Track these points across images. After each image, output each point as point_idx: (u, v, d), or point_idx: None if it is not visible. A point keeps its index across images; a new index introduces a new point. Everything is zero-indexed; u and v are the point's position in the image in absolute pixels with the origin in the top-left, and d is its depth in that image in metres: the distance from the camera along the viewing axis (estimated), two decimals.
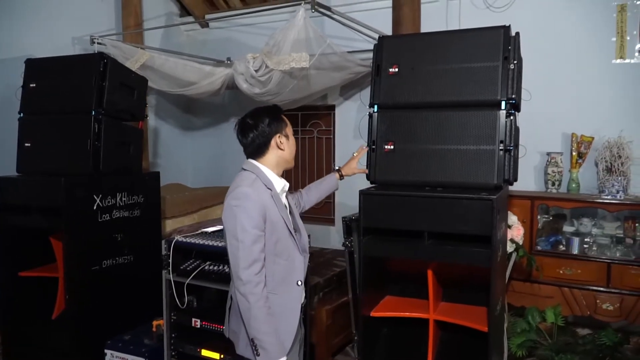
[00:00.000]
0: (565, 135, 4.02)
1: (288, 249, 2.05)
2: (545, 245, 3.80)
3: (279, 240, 2.00)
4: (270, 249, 1.99)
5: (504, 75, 2.44)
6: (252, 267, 1.89)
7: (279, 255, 2.02)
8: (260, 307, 1.89)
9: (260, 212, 1.92)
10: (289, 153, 2.14)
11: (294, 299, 2.07)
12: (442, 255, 2.41)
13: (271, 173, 2.09)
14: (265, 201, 1.97)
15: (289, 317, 2.04)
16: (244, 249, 1.88)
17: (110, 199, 3.35)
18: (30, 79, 3.41)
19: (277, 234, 2.00)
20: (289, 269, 2.05)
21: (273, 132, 2.07)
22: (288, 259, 2.05)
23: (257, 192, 1.96)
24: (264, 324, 1.90)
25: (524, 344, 3.33)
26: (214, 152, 5.81)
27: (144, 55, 4.15)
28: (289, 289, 2.05)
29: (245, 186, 1.96)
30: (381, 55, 2.70)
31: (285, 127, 2.13)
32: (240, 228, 1.89)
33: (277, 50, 3.56)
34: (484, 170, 2.43)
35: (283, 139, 2.10)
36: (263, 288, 1.92)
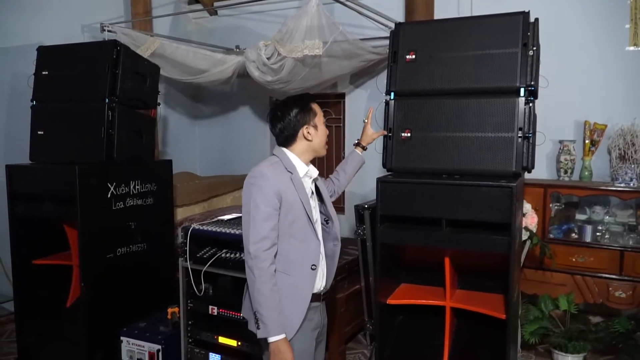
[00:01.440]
0: (578, 123, 4.00)
1: (304, 232, 2.06)
2: (558, 233, 3.79)
3: (294, 221, 2.03)
4: (285, 229, 2.02)
5: (523, 62, 2.42)
6: (261, 242, 1.94)
7: (294, 236, 2.04)
8: (264, 282, 1.93)
9: (274, 191, 1.97)
10: (318, 143, 2.16)
11: (306, 282, 2.07)
12: (461, 243, 2.41)
13: (296, 159, 2.12)
14: (282, 182, 2.01)
15: (299, 299, 2.05)
16: (254, 224, 1.94)
17: (124, 187, 3.35)
18: (42, 66, 3.39)
19: (293, 215, 2.02)
20: (303, 251, 2.06)
21: (300, 124, 2.11)
22: (303, 242, 2.06)
23: (275, 172, 2.01)
24: (266, 298, 1.93)
25: (537, 332, 3.35)
26: (222, 141, 5.81)
27: (155, 43, 4.13)
28: (301, 271, 2.06)
29: (263, 166, 2.02)
30: (398, 42, 2.68)
31: (313, 117, 2.14)
32: (253, 204, 1.96)
33: (290, 37, 3.55)
34: (502, 157, 2.42)
35: (311, 130, 2.13)
36: (270, 265, 1.95)
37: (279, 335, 1.94)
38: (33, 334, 3.38)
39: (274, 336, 1.93)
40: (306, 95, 2.23)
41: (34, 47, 3.48)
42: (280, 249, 2.02)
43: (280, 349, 1.94)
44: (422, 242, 2.53)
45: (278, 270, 2.01)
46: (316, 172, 2.21)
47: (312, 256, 2.09)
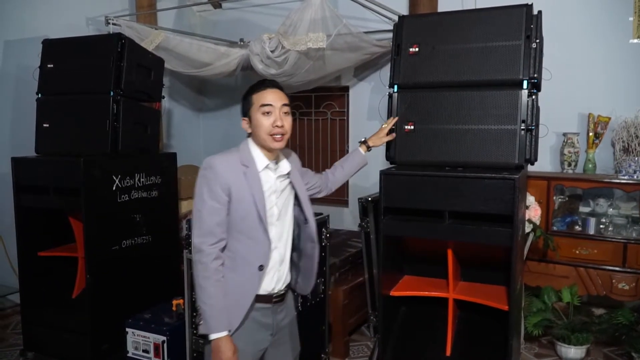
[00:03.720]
0: (582, 116, 3.99)
1: (253, 230, 1.94)
2: (561, 225, 3.80)
3: (244, 218, 1.92)
4: (235, 224, 1.92)
5: (526, 54, 2.42)
6: (206, 237, 1.87)
7: (243, 233, 1.94)
8: (206, 277, 1.86)
9: (222, 185, 1.87)
10: (257, 136, 1.98)
11: (252, 282, 1.95)
12: (464, 235, 2.42)
13: (257, 151, 1.99)
14: (233, 175, 1.91)
15: (242, 298, 1.94)
16: (200, 218, 1.87)
17: (129, 180, 3.37)
18: (47, 59, 3.42)
19: (243, 211, 1.92)
20: (251, 249, 1.95)
21: (242, 115, 2.02)
22: (252, 240, 1.94)
23: (226, 164, 1.91)
24: (207, 294, 1.86)
25: (540, 323, 3.37)
26: (225, 134, 5.82)
27: (159, 36, 4.14)
28: (248, 270, 1.94)
29: (216, 157, 1.93)
30: (401, 34, 2.68)
31: (249, 108, 1.98)
32: (199, 197, 1.89)
33: (294, 30, 3.54)
34: (505, 149, 2.43)
35: (246, 123, 2.01)
36: (213, 260, 1.87)
37: (220, 333, 1.86)
38: (39, 325, 3.42)
39: (214, 333, 1.86)
40: (257, 83, 2.03)
41: (39, 40, 3.50)
42: (229, 245, 1.94)
43: (221, 347, 1.86)
44: (425, 234, 2.54)
45: (226, 265, 1.93)
46: (287, 169, 2.06)
47: (260, 256, 1.96)
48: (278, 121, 1.95)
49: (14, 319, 3.99)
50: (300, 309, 2.61)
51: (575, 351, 3.37)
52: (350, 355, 3.59)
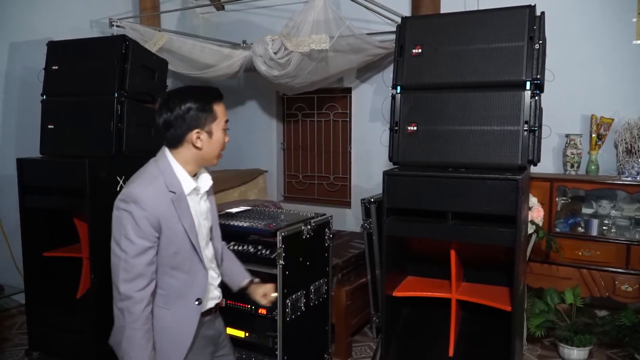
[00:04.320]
0: (585, 117, 3.99)
1: (189, 262, 1.76)
2: (564, 227, 3.80)
3: (177, 252, 1.72)
4: (166, 260, 1.71)
5: (529, 56, 2.43)
6: (135, 281, 1.64)
7: (177, 269, 1.74)
8: (136, 328, 1.65)
9: (151, 220, 1.64)
10: (209, 153, 1.77)
11: (190, 317, 1.78)
12: (467, 235, 2.43)
13: (181, 170, 1.75)
14: (162, 206, 1.67)
15: (181, 334, 1.77)
16: (126, 260, 1.63)
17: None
18: (52, 61, 3.43)
19: (175, 245, 1.71)
20: (188, 283, 1.77)
21: (191, 126, 1.71)
22: (188, 273, 1.76)
23: (153, 194, 1.67)
24: (137, 348, 1.66)
25: (542, 325, 3.37)
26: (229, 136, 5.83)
27: (163, 38, 4.16)
28: (184, 306, 1.76)
29: (139, 187, 1.68)
30: (404, 36, 2.69)
31: (211, 121, 1.74)
32: (124, 236, 1.64)
33: (297, 31, 3.57)
34: (508, 150, 2.44)
35: (203, 136, 1.73)
36: (145, 307, 1.66)
37: None
38: (44, 325, 3.43)
39: None
40: (213, 91, 1.81)
41: (43, 42, 3.52)
42: (161, 283, 1.72)
43: None
44: (428, 234, 2.55)
45: (156, 304, 1.73)
46: (208, 184, 1.86)
47: (198, 288, 1.79)
48: (227, 138, 1.83)
49: (19, 319, 4.00)
50: (303, 309, 2.62)
51: (578, 353, 3.36)
52: (353, 356, 3.59)
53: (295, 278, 2.55)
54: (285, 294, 2.47)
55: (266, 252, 2.52)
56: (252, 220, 2.67)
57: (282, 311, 2.46)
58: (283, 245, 2.43)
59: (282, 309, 2.46)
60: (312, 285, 2.71)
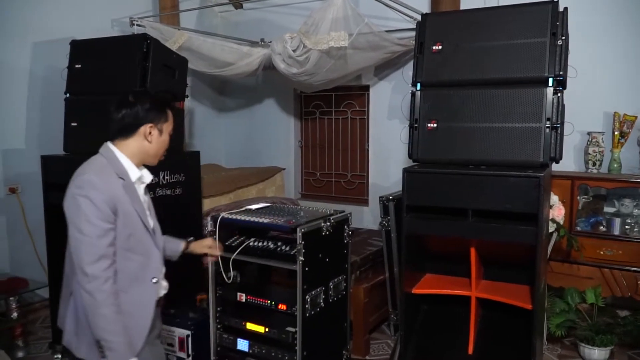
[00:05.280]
0: (607, 114, 3.93)
1: (143, 244, 1.88)
2: (585, 225, 3.75)
3: (132, 234, 1.83)
4: (122, 243, 1.81)
5: (552, 52, 2.41)
6: (100, 262, 1.72)
7: (132, 251, 1.84)
8: (109, 304, 1.73)
9: (108, 203, 1.74)
10: (155, 149, 1.94)
11: (148, 297, 1.90)
12: (487, 233, 2.42)
13: (127, 161, 1.89)
14: (115, 191, 1.78)
15: (141, 316, 1.86)
16: (89, 243, 1.71)
17: (154, 177, 3.41)
18: (75, 60, 3.49)
19: (130, 227, 1.82)
20: (144, 265, 1.88)
21: (147, 119, 1.88)
22: (143, 255, 1.88)
23: (105, 179, 1.78)
24: (112, 323, 1.74)
25: (563, 324, 3.33)
26: (246, 133, 5.88)
27: (183, 36, 4.20)
28: (142, 287, 1.87)
29: (91, 173, 1.78)
30: (424, 32, 2.69)
31: (164, 121, 1.93)
32: (84, 220, 1.71)
33: (315, 29, 3.57)
34: (529, 148, 2.42)
35: (154, 132, 1.90)
36: (112, 285, 1.75)
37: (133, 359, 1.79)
38: None
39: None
40: (168, 98, 2.02)
41: (66, 41, 3.58)
42: (118, 266, 1.80)
43: None
44: (447, 232, 2.55)
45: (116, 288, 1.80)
46: (150, 178, 2.02)
47: (154, 269, 1.92)
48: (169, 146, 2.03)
49: (43, 312, 4.08)
50: (323, 305, 2.64)
51: (599, 353, 3.32)
52: (371, 353, 3.60)
53: (315, 274, 2.56)
54: (305, 290, 2.48)
55: (286, 248, 2.53)
56: (271, 216, 2.69)
57: (302, 307, 2.47)
58: (303, 241, 2.44)
59: (302, 304, 2.47)
60: (331, 282, 2.72)
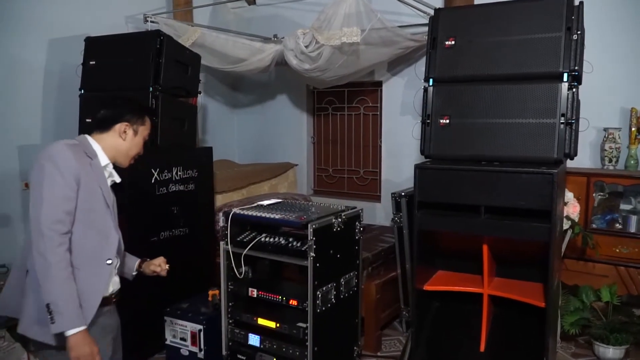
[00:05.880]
0: (624, 110, 3.87)
1: (103, 222, 1.88)
2: (601, 223, 3.70)
3: (92, 210, 1.83)
4: (82, 217, 1.80)
5: (567, 46, 2.38)
6: (56, 225, 1.72)
7: (90, 226, 1.84)
8: (61, 268, 1.72)
9: (72, 172, 1.77)
10: (126, 149, 2.00)
11: (101, 278, 1.87)
12: (500, 230, 2.40)
13: (98, 147, 1.94)
14: (82, 165, 1.82)
15: (90, 296, 1.82)
16: (49, 204, 1.72)
17: (167, 173, 3.45)
18: (89, 56, 3.53)
19: (91, 203, 1.83)
20: (101, 243, 1.87)
21: (124, 118, 1.97)
22: (101, 233, 1.87)
23: (73, 152, 1.81)
24: (62, 286, 1.71)
25: (577, 322, 3.30)
26: (259, 129, 5.89)
27: (196, 33, 4.22)
28: (96, 266, 1.86)
29: (60, 144, 1.82)
30: (437, 28, 2.67)
31: (140, 124, 2.02)
32: (47, 184, 1.74)
33: (328, 25, 3.56)
34: (543, 144, 2.39)
35: (129, 131, 1.98)
36: (66, 250, 1.74)
37: (80, 327, 1.73)
38: None
39: (74, 328, 1.72)
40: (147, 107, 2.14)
41: (81, 38, 3.61)
42: (74, 241, 1.79)
43: (84, 340, 1.73)
44: (460, 228, 2.53)
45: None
46: (118, 179, 2.06)
47: (110, 249, 1.90)
48: (142, 151, 2.10)
49: None
50: (334, 302, 2.64)
51: (613, 352, 3.28)
52: (382, 350, 3.59)
53: (326, 270, 2.56)
54: (316, 286, 2.48)
55: (297, 244, 2.53)
56: (283, 212, 2.69)
57: (313, 303, 2.47)
58: (314, 237, 2.44)
59: (313, 300, 2.47)
60: (343, 278, 2.71)
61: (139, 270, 2.27)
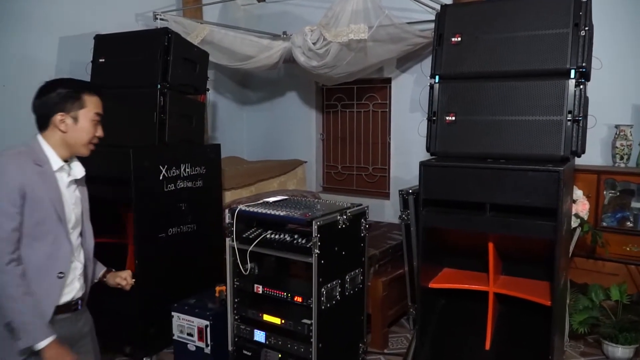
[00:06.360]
0: (636, 107, 3.81)
1: (53, 233, 1.80)
2: (611, 221, 3.66)
3: (40, 222, 1.76)
4: (29, 230, 1.75)
5: (574, 43, 2.35)
6: (4, 244, 1.69)
7: (39, 239, 1.77)
8: (15, 285, 1.68)
9: (17, 187, 1.70)
10: (74, 139, 1.86)
11: (51, 292, 1.81)
12: (505, 228, 2.39)
13: (51, 151, 1.83)
14: (27, 176, 1.73)
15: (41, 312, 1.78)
16: None
17: (175, 170, 3.48)
18: (99, 54, 3.57)
19: (39, 214, 1.75)
20: (51, 256, 1.80)
21: (56, 109, 1.82)
22: (52, 245, 1.80)
23: (18, 164, 1.74)
24: (23, 303, 1.68)
25: (586, 321, 3.27)
26: (269, 126, 5.90)
27: (204, 30, 4.24)
28: (46, 280, 1.79)
29: (5, 156, 1.75)
30: (443, 24, 2.65)
31: (78, 108, 1.84)
32: None
33: (335, 22, 3.56)
34: (550, 141, 2.37)
35: (68, 121, 1.83)
36: (15, 266, 1.70)
37: (50, 337, 1.72)
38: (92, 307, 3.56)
39: (44, 340, 1.71)
40: (87, 83, 1.90)
41: (91, 36, 3.65)
42: (23, 254, 1.75)
43: (58, 351, 1.73)
44: (464, 226, 2.52)
45: None
46: (81, 174, 1.95)
47: (62, 262, 1.83)
48: (100, 132, 1.93)
49: None
50: (339, 298, 2.64)
51: (622, 351, 3.25)
52: (389, 347, 3.59)
53: (331, 267, 2.56)
54: (321, 283, 2.49)
55: (302, 241, 2.55)
56: (288, 209, 2.70)
57: (317, 299, 2.48)
58: (318, 234, 2.45)
59: (317, 297, 2.48)
60: (348, 275, 2.72)
61: (103, 280, 2.23)
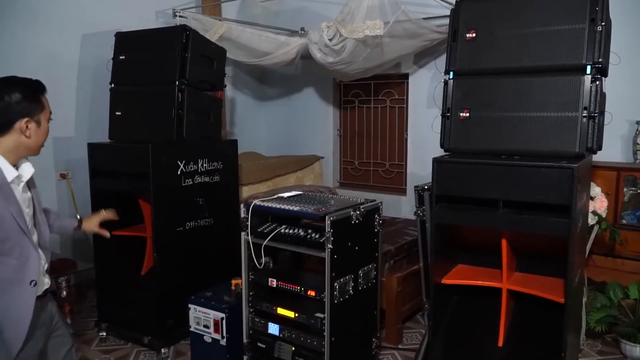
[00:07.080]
0: None
1: (19, 247, 1.80)
2: (632, 219, 3.60)
3: (6, 239, 1.75)
4: None
5: (591, 38, 2.32)
6: None
7: (6, 255, 1.77)
8: None
9: None
10: (35, 142, 1.85)
11: (26, 301, 1.82)
12: (518, 224, 2.37)
13: (2, 161, 1.78)
14: None
15: (17, 320, 1.80)
16: None
17: (193, 165, 3.54)
18: (120, 51, 3.63)
19: (4, 232, 1.74)
20: (20, 269, 1.81)
21: (22, 114, 1.78)
22: (20, 258, 1.80)
23: None
24: None
25: (603, 320, 3.23)
26: (286, 122, 5.95)
27: (222, 27, 4.29)
28: (18, 291, 1.81)
29: None
30: (458, 20, 2.64)
31: (40, 111, 1.83)
32: None
33: (351, 18, 3.57)
34: (565, 138, 2.35)
35: (32, 125, 1.81)
36: None
37: None
38: (111, 299, 3.67)
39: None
40: (39, 83, 1.87)
41: (112, 34, 3.72)
42: None
43: None
44: (477, 223, 2.52)
45: None
46: (29, 173, 1.89)
47: (32, 271, 1.84)
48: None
49: (90, 292, 4.30)
50: (352, 293, 2.67)
51: None
52: (404, 342, 3.60)
53: (344, 262, 2.59)
54: (333, 277, 2.52)
55: (315, 235, 2.57)
56: (302, 204, 2.73)
57: (330, 294, 2.51)
58: (332, 229, 2.47)
59: (330, 291, 2.51)
60: (361, 270, 2.74)
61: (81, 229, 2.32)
